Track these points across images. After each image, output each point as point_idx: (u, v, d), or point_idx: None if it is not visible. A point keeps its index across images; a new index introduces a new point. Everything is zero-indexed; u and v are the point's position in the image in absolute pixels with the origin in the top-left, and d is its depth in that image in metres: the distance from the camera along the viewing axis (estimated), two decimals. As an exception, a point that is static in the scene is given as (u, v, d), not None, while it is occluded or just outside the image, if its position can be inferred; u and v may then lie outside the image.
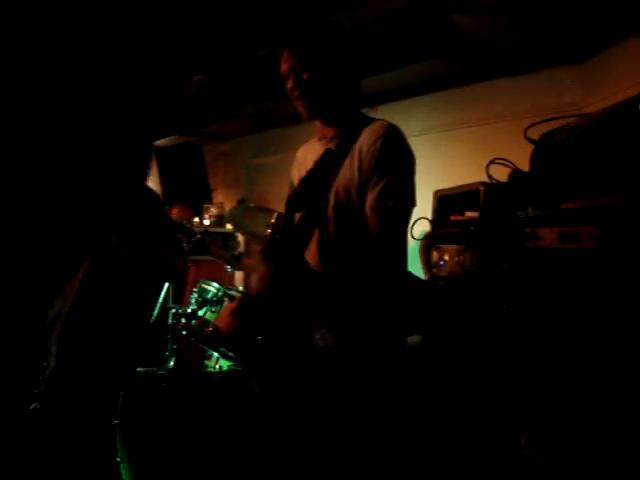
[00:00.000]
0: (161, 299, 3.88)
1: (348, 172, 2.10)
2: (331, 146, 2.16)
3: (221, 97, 5.48)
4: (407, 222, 2.15)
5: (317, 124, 2.29)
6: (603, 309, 1.83)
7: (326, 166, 1.97)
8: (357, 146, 2.10)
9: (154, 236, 2.81)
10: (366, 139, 2.09)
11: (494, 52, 3.62)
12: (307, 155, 2.40)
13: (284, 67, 2.17)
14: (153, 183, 6.95)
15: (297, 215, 2.06)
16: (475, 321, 2.55)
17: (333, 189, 2.11)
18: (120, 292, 2.78)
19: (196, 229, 5.78)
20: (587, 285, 1.89)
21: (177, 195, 6.57)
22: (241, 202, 6.40)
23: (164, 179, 6.59)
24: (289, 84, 2.17)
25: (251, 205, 4.48)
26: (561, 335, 2.00)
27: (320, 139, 2.32)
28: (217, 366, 3.92)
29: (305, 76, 2.12)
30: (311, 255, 2.15)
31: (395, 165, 2.06)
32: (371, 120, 2.20)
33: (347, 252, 2.09)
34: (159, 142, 6.76)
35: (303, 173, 2.26)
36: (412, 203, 2.12)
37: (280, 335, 2.13)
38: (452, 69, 3.93)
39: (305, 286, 2.03)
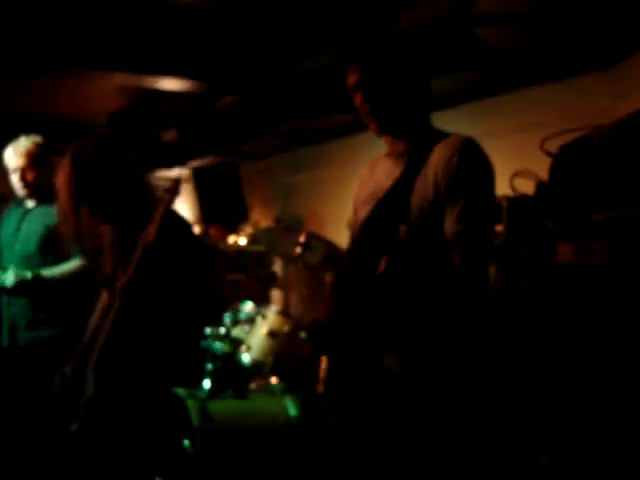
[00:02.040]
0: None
1: (422, 189, 1.96)
2: (401, 162, 2.07)
3: (255, 116, 5.53)
4: (490, 241, 2.01)
5: (386, 139, 2.16)
6: (627, 328, 1.79)
7: (403, 188, 1.92)
8: (431, 162, 1.96)
9: (185, 260, 2.84)
10: (441, 154, 1.95)
11: (518, 62, 3.58)
12: (374, 171, 2.27)
13: (351, 81, 2.06)
14: (191, 204, 7.03)
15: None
16: (500, 336, 2.52)
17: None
18: (154, 324, 2.82)
19: (231, 249, 5.84)
20: (605, 301, 1.86)
21: (214, 215, 6.63)
22: (278, 221, 6.44)
23: (202, 199, 6.66)
24: (357, 99, 2.06)
25: (280, 226, 4.50)
26: (584, 355, 1.96)
27: (388, 155, 2.18)
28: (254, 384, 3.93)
29: (373, 89, 2.01)
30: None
31: (474, 182, 1.92)
32: (444, 133, 2.06)
33: (420, 273, 1.94)
34: (196, 163, 6.85)
35: (369, 190, 2.18)
36: (494, 221, 2.05)
37: (348, 362, 2.04)
38: (476, 81, 3.90)
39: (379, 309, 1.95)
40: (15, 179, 3.67)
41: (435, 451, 1.97)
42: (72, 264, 3.58)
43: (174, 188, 2.67)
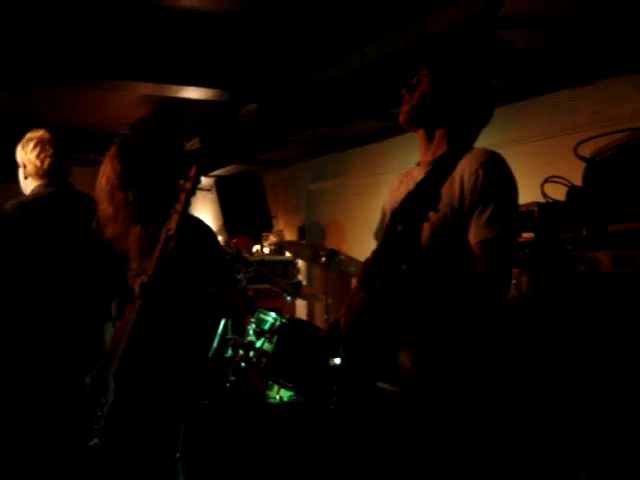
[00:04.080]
0: (219, 332, 3.89)
1: (447, 198, 2.02)
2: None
3: (278, 124, 5.51)
4: (514, 251, 2.06)
5: (421, 144, 2.24)
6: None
7: (435, 179, 1.93)
8: (457, 173, 2.02)
9: (204, 272, 2.79)
10: (467, 166, 2.02)
11: (547, 65, 3.51)
12: (403, 182, 2.35)
13: (414, 80, 2.18)
14: (214, 213, 7.01)
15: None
16: (533, 348, 2.44)
17: (429, 215, 1.97)
18: (174, 328, 2.76)
19: (254, 259, 5.79)
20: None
21: (238, 224, 6.59)
22: (301, 232, 6.41)
23: (225, 208, 6.63)
24: (408, 97, 2.18)
25: (302, 242, 4.50)
26: (623, 368, 1.88)
27: (418, 164, 2.27)
28: (278, 396, 3.90)
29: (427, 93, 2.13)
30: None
31: (499, 194, 1.99)
32: (471, 147, 2.15)
33: (438, 279, 2.03)
34: (218, 172, 6.82)
35: (397, 197, 2.21)
36: (517, 231, 2.13)
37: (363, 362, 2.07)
38: (504, 85, 3.82)
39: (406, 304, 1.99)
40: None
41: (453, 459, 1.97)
42: None
43: (194, 175, 2.59)
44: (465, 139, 2.18)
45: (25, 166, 3.44)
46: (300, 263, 6.34)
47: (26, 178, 3.47)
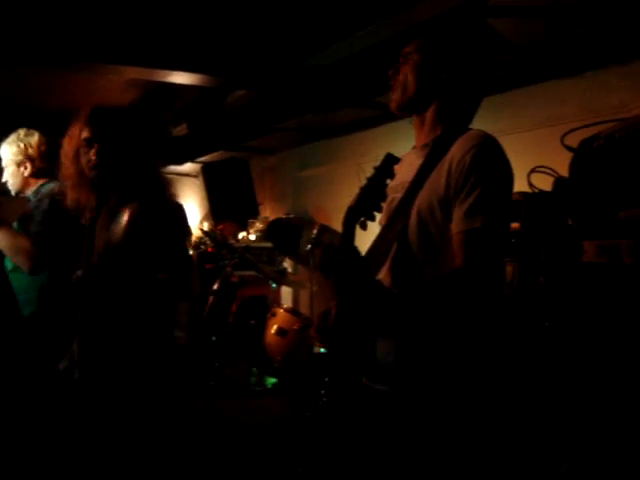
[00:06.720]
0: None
1: (434, 185, 1.88)
2: (422, 154, 1.97)
3: (265, 111, 5.49)
4: (500, 242, 1.84)
5: (414, 125, 2.07)
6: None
7: (384, 172, 1.84)
8: (448, 157, 1.86)
9: (155, 254, 2.65)
10: (457, 150, 1.84)
11: (535, 56, 3.51)
12: (402, 164, 2.05)
13: (400, 59, 2.02)
14: (200, 199, 6.98)
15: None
16: (517, 338, 2.45)
17: (416, 203, 1.90)
18: (123, 318, 2.65)
19: (239, 245, 5.78)
20: (631, 303, 1.78)
21: (224, 210, 6.58)
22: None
23: (211, 195, 6.61)
24: (390, 78, 2.03)
25: (290, 216, 4.45)
26: (606, 359, 1.89)
27: (414, 147, 2.09)
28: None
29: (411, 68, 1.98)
30: (383, 273, 1.96)
31: (488, 179, 1.78)
32: (468, 128, 1.96)
33: (424, 272, 1.88)
34: (205, 158, 6.79)
35: (393, 183, 2.00)
36: (506, 221, 1.91)
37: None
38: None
39: (377, 308, 1.85)
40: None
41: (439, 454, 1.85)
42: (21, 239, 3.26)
43: None
44: (459, 119, 1.99)
45: (38, 163, 3.48)
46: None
47: (36, 175, 3.50)
